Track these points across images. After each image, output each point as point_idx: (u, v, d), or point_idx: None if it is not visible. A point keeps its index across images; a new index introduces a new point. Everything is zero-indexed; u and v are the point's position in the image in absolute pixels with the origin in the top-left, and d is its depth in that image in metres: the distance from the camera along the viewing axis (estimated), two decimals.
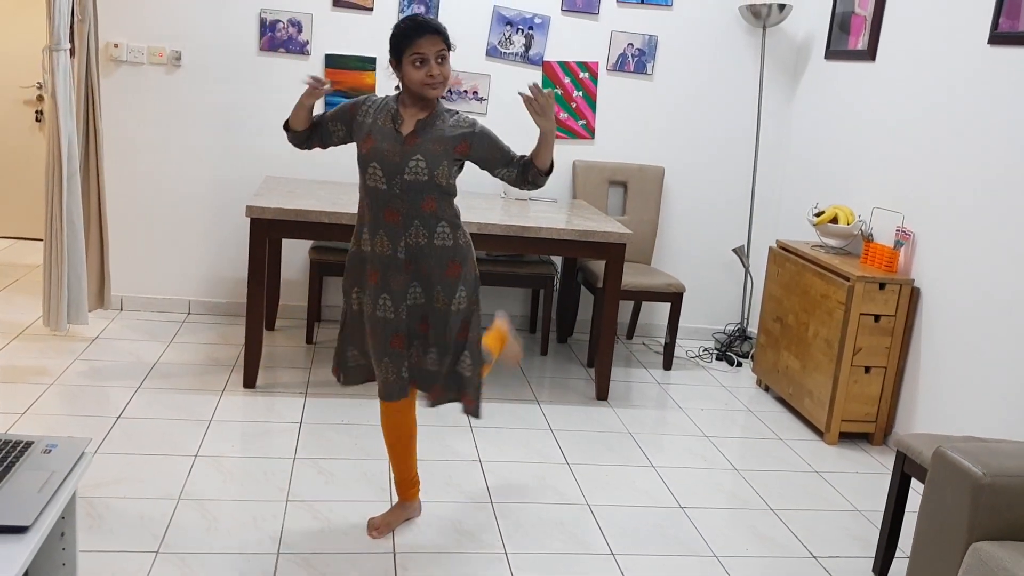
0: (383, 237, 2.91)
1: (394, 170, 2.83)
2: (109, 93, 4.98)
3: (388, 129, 2.87)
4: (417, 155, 2.83)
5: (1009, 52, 3.79)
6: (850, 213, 4.64)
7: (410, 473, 3.21)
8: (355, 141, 2.95)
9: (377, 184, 2.86)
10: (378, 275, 2.94)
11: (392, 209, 2.87)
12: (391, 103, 2.93)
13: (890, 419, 4.37)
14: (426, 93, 2.83)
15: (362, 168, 2.89)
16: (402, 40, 2.80)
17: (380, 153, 2.84)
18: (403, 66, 2.83)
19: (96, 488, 3.22)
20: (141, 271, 5.27)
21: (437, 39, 2.79)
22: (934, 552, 2.58)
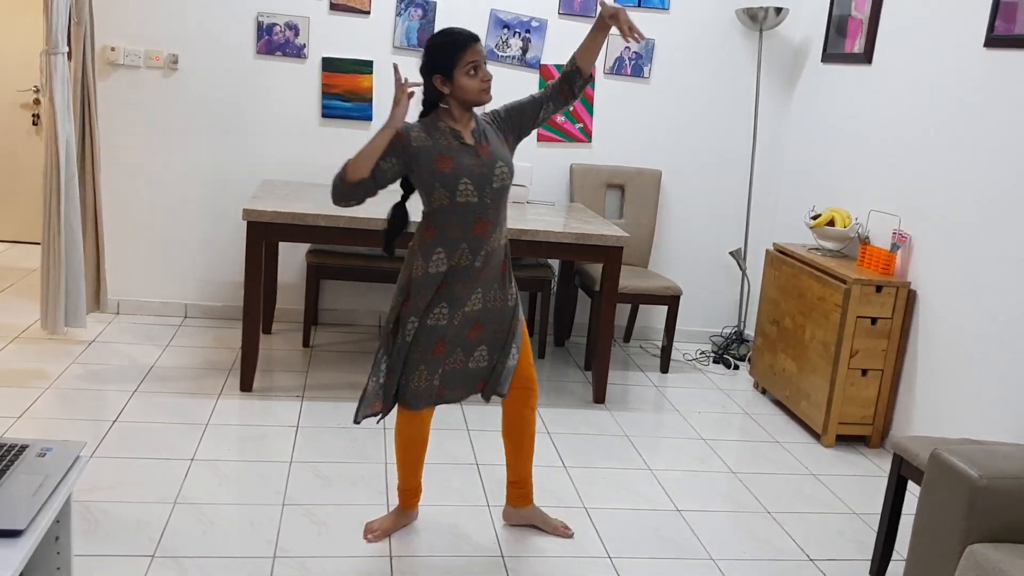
0: (465, 250, 2.91)
1: (483, 181, 2.87)
2: (106, 96, 4.98)
3: (455, 146, 2.87)
4: (498, 161, 2.90)
5: (1005, 55, 3.79)
6: (847, 216, 4.64)
7: (416, 482, 3.20)
8: (420, 169, 2.86)
9: (468, 199, 2.86)
10: (444, 286, 2.93)
11: (483, 220, 2.90)
12: (436, 123, 2.90)
13: (887, 422, 4.37)
14: (482, 99, 2.88)
15: (449, 187, 2.83)
16: (453, 53, 2.82)
17: (466, 168, 2.85)
18: (456, 78, 2.83)
19: (92, 492, 3.22)
20: (138, 274, 5.27)
21: (479, 46, 2.85)
22: (930, 554, 2.58)
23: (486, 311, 3.01)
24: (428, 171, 2.84)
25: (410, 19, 5.17)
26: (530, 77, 5.35)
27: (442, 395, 3.05)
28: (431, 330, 2.94)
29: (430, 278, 2.91)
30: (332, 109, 5.22)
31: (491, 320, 3.03)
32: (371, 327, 5.52)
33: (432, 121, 2.91)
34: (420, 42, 5.19)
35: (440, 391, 3.03)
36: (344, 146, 5.24)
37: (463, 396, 3.12)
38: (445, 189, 2.84)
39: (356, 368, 4.78)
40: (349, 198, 2.90)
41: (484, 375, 3.09)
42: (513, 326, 3.07)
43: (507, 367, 3.07)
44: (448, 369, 3.02)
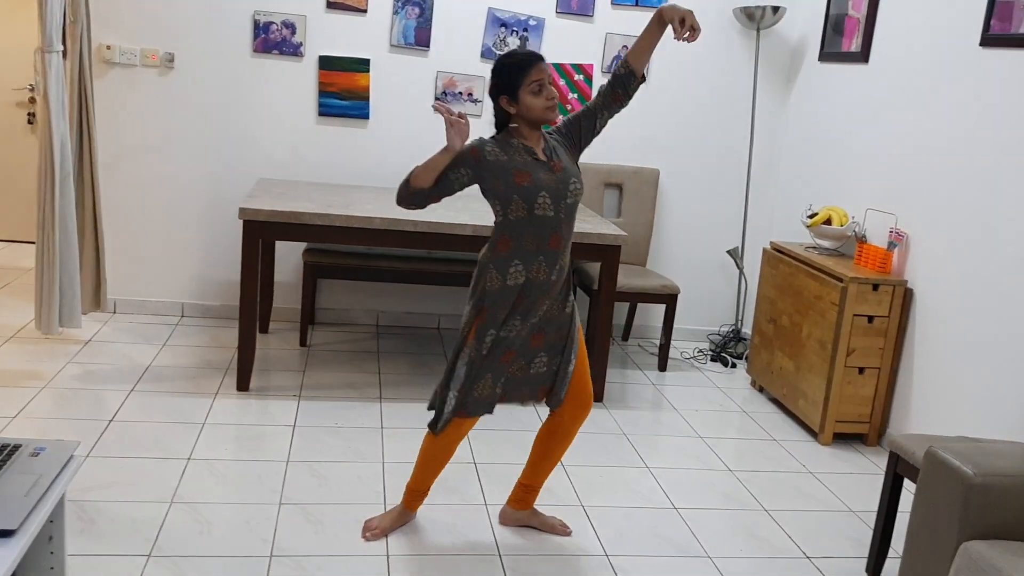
0: (542, 263, 2.94)
1: (559, 196, 2.91)
2: (102, 95, 4.97)
3: (531, 161, 2.91)
4: (572, 178, 2.95)
5: (1001, 54, 3.79)
6: (843, 214, 4.64)
7: (429, 485, 3.21)
8: (496, 181, 2.88)
9: (546, 212, 2.90)
10: (520, 299, 2.96)
11: (558, 234, 2.93)
12: (509, 140, 2.94)
13: (884, 420, 4.37)
14: (548, 117, 2.91)
15: (528, 200, 2.87)
16: (517, 73, 2.85)
17: (543, 182, 2.89)
18: (521, 97, 2.87)
19: (88, 491, 3.21)
20: (134, 274, 5.26)
21: (543, 65, 2.87)
22: (926, 552, 2.58)
23: (548, 320, 3.04)
24: (505, 184, 2.88)
25: (407, 17, 5.16)
26: None
27: (501, 400, 3.07)
28: (503, 340, 2.97)
29: (508, 290, 2.94)
30: (329, 108, 5.21)
31: (551, 327, 3.05)
32: (368, 326, 5.52)
33: (505, 138, 2.95)
34: (417, 41, 5.19)
35: (500, 397, 3.06)
36: (341, 145, 5.26)
37: (524, 400, 3.13)
38: (524, 201, 2.88)
39: (353, 367, 4.77)
40: (409, 203, 2.96)
41: (546, 380, 3.10)
42: (571, 331, 3.10)
43: (567, 372, 3.08)
44: (509, 377, 3.04)
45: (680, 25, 2.88)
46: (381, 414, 4.19)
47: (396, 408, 4.28)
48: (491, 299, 2.94)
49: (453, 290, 5.57)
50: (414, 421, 4.14)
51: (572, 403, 3.12)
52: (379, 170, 5.32)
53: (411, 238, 4.21)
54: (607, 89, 3.05)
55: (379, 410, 4.23)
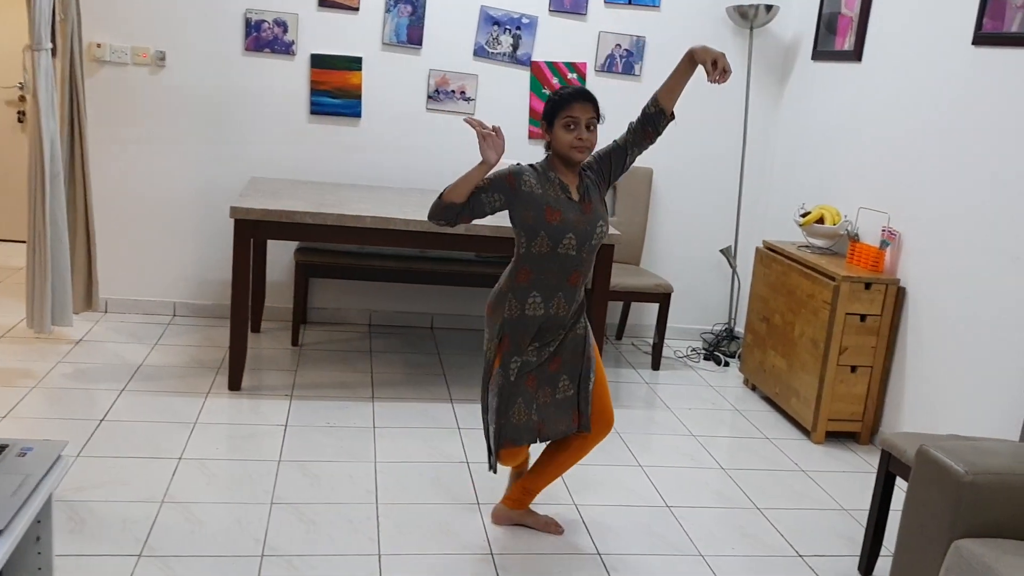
0: (561, 299, 3.00)
1: (584, 237, 2.96)
2: (93, 93, 4.95)
3: (564, 199, 2.95)
4: (600, 221, 3.00)
5: (993, 53, 3.79)
6: (836, 213, 4.64)
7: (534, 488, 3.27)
8: (526, 212, 2.92)
9: (568, 252, 2.95)
10: (541, 332, 3.02)
11: (578, 272, 2.99)
12: (548, 172, 2.97)
13: (876, 418, 4.37)
14: (572, 156, 2.93)
15: (553, 239, 2.92)
16: (558, 104, 2.91)
17: (572, 224, 2.93)
18: (554, 129, 2.93)
19: (78, 491, 3.20)
20: (126, 273, 5.25)
21: (589, 107, 2.91)
22: (917, 550, 2.58)
23: (563, 344, 3.07)
24: (535, 218, 2.92)
25: (399, 16, 5.15)
26: (521, 74, 5.34)
27: (541, 431, 3.07)
28: (524, 364, 3.01)
29: (527, 320, 2.98)
30: (321, 106, 5.20)
31: (566, 350, 3.08)
32: (360, 326, 5.51)
33: (545, 170, 2.98)
34: (409, 39, 5.18)
35: (539, 426, 3.06)
36: (333, 143, 5.25)
37: (563, 431, 3.10)
38: (549, 239, 2.92)
39: (345, 367, 4.76)
40: (439, 217, 2.96)
41: (574, 403, 3.11)
42: (586, 350, 3.11)
43: (589, 391, 3.10)
44: (541, 404, 3.06)
45: (712, 67, 2.94)
46: (373, 413, 4.18)
47: (388, 407, 4.27)
48: (511, 327, 3.00)
49: (446, 289, 5.56)
50: (406, 420, 4.13)
51: (594, 422, 3.13)
52: (371, 169, 5.31)
53: (403, 237, 4.20)
54: (637, 126, 3.09)
55: (371, 409, 4.22)
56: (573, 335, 3.09)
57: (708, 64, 2.94)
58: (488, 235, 4.23)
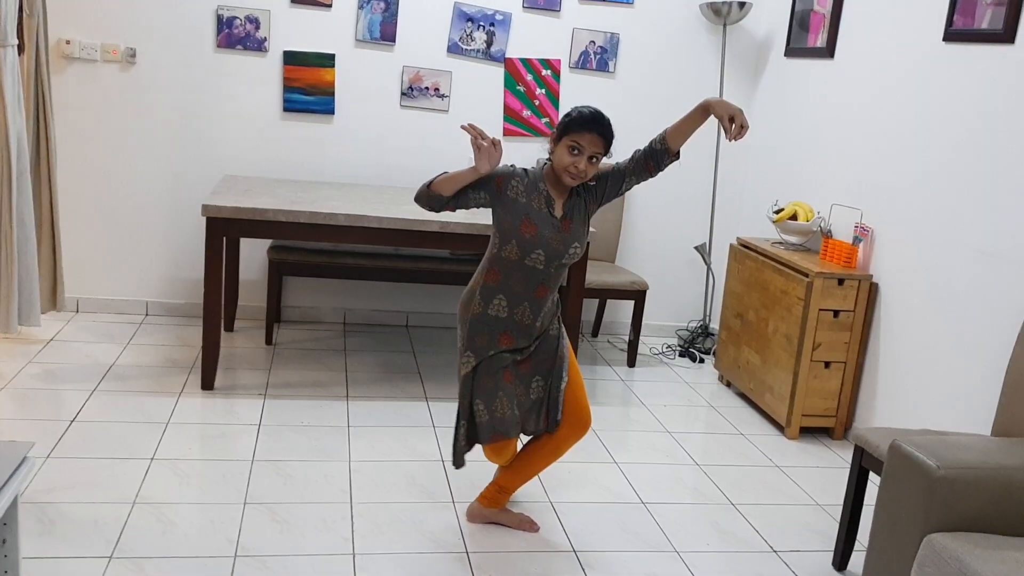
0: (527, 308, 3.02)
1: (555, 255, 2.98)
2: (62, 91, 4.89)
3: (544, 214, 2.96)
4: (575, 242, 3.01)
5: (963, 49, 3.82)
6: (809, 210, 4.66)
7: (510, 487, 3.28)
8: (505, 217, 2.95)
9: (535, 265, 2.97)
10: (512, 339, 3.03)
11: (545, 286, 3.01)
12: (539, 182, 2.99)
13: (850, 413, 4.40)
14: (564, 179, 2.96)
15: (522, 250, 2.94)
16: (571, 124, 2.92)
17: (544, 240, 2.95)
18: (558, 146, 2.94)
19: (48, 493, 3.16)
20: (97, 272, 5.19)
21: (599, 141, 2.92)
22: (890, 544, 2.59)
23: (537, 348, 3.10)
24: (512, 226, 2.94)
25: (372, 12, 5.12)
26: (495, 71, 5.32)
27: (524, 426, 3.12)
28: (499, 359, 3.03)
29: (488, 319, 3.02)
30: (294, 103, 5.17)
31: (540, 351, 3.11)
32: (335, 324, 5.48)
33: (536, 179, 3.00)
34: (383, 35, 5.15)
35: (522, 422, 3.10)
36: (307, 141, 5.22)
37: (537, 428, 3.15)
38: (519, 248, 2.95)
39: (319, 366, 4.74)
40: (425, 203, 2.99)
41: (544, 404, 3.12)
42: (559, 350, 3.12)
43: (560, 391, 3.11)
44: (520, 400, 3.08)
45: (730, 123, 2.91)
46: (348, 412, 4.16)
47: (363, 406, 4.25)
48: (472, 325, 3.04)
49: (421, 287, 5.54)
50: (381, 419, 4.11)
51: (569, 422, 3.13)
52: (345, 166, 5.28)
53: (377, 235, 4.18)
54: (640, 157, 3.09)
55: (346, 408, 4.20)
56: (546, 337, 3.10)
57: (725, 120, 2.91)
58: (462, 233, 4.22)
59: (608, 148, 2.97)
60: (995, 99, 3.62)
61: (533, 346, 3.07)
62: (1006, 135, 3.55)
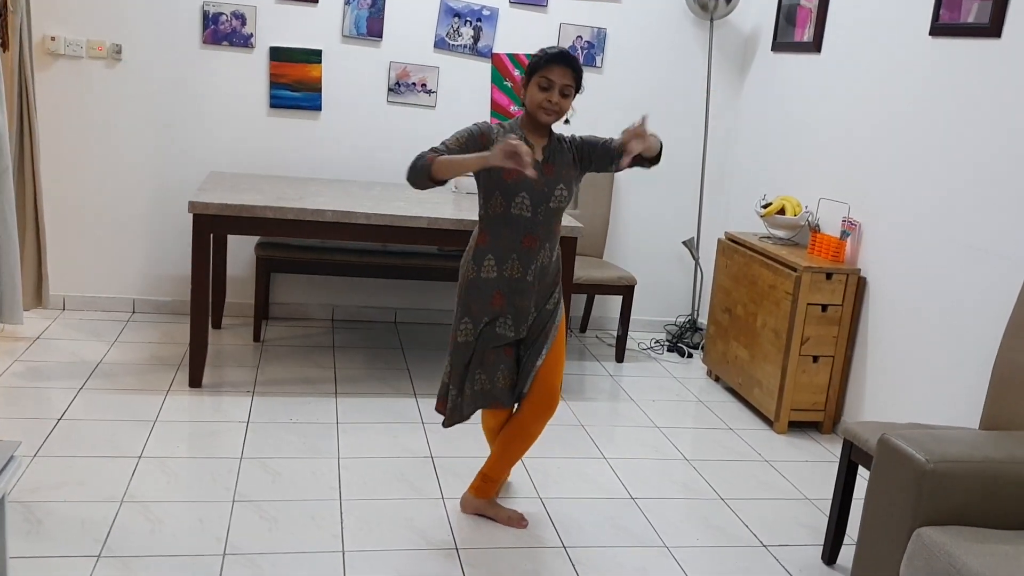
0: (515, 262, 3.00)
1: (540, 199, 2.95)
2: (47, 87, 4.86)
3: None
4: (560, 184, 3.00)
5: (949, 43, 3.83)
6: (797, 204, 4.67)
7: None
8: (489, 171, 2.92)
9: (522, 212, 2.95)
10: (504, 299, 3.02)
11: (532, 235, 2.99)
12: (516, 130, 2.98)
13: (839, 408, 4.41)
14: (539, 116, 2.94)
15: (506, 197, 2.93)
16: (539, 62, 2.90)
17: (527, 183, 2.92)
18: (529, 86, 2.92)
19: (35, 492, 3.14)
20: (83, 270, 5.16)
21: (568, 72, 2.90)
22: (880, 538, 2.60)
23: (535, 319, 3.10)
24: (494, 177, 2.93)
25: (359, 8, 5.10)
26: (482, 66, 5.31)
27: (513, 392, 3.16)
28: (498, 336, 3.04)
29: (482, 282, 3.02)
30: (280, 99, 5.14)
31: (533, 324, 3.11)
32: (323, 321, 5.46)
33: (513, 127, 2.99)
34: (369, 31, 5.14)
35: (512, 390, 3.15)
36: (293, 137, 5.20)
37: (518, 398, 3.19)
38: (503, 198, 2.94)
39: (308, 363, 4.72)
40: (417, 183, 2.92)
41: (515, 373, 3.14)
42: (548, 328, 3.11)
43: (535, 366, 3.10)
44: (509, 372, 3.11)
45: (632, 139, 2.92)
46: (336, 409, 4.14)
47: (352, 403, 4.23)
48: (468, 291, 3.04)
49: (409, 284, 5.52)
50: (370, 416, 4.10)
51: (534, 401, 3.11)
52: (332, 162, 5.26)
53: (365, 231, 4.17)
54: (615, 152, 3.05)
55: (334, 405, 4.19)
56: (542, 310, 3.10)
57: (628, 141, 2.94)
58: (450, 229, 4.21)
59: (578, 81, 2.93)
60: (982, 93, 3.64)
61: (533, 317, 3.06)
62: (993, 129, 3.56)
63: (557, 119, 2.97)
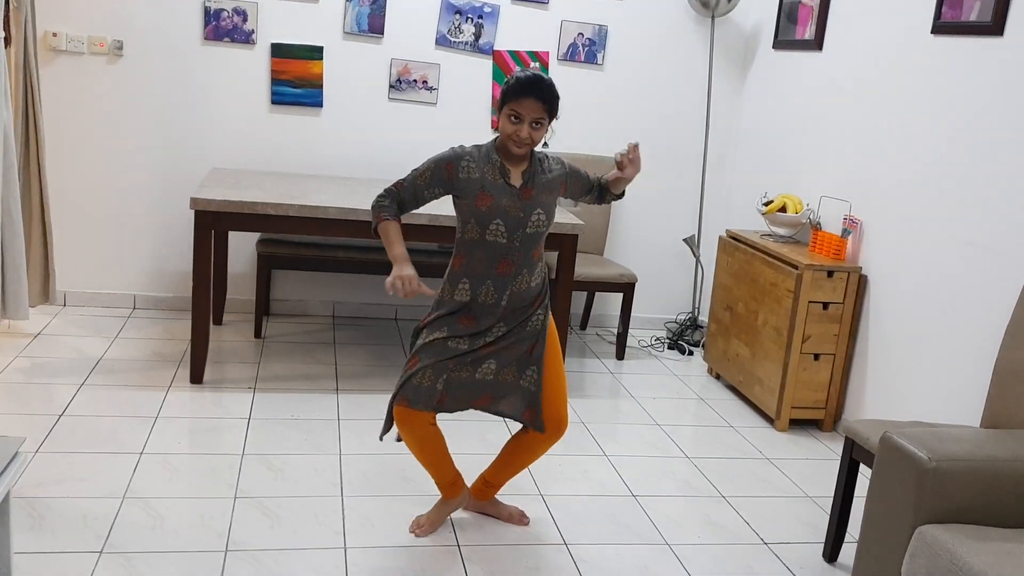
0: (490, 287, 2.93)
1: (516, 224, 2.89)
2: (49, 83, 4.85)
3: (500, 184, 2.89)
4: (537, 209, 2.92)
5: (951, 41, 3.83)
6: (798, 202, 4.67)
7: (450, 476, 3.15)
8: (462, 199, 2.90)
9: (497, 239, 2.89)
10: (473, 321, 2.95)
11: (509, 261, 2.92)
12: (491, 154, 2.92)
13: (839, 406, 4.42)
14: (510, 148, 2.88)
15: (481, 224, 2.88)
16: (509, 93, 2.83)
17: (501, 210, 2.88)
18: (500, 117, 2.88)
19: (37, 487, 3.14)
20: (85, 266, 5.16)
21: (538, 106, 2.80)
22: (881, 536, 2.61)
23: (504, 335, 2.97)
24: (468, 204, 2.89)
25: (360, 5, 5.10)
26: (483, 63, 5.31)
27: (442, 402, 2.95)
28: (450, 350, 2.92)
29: (454, 304, 2.96)
30: (282, 96, 5.14)
31: (507, 340, 2.97)
32: (324, 317, 5.46)
33: (488, 152, 2.94)
34: (371, 28, 5.13)
35: (441, 397, 2.94)
36: (295, 133, 5.20)
37: (464, 406, 3.02)
38: (478, 225, 2.89)
39: (309, 359, 4.72)
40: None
41: (488, 387, 3.00)
42: (534, 348, 3.01)
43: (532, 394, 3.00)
44: (451, 377, 2.94)
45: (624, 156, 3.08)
46: (338, 406, 4.15)
47: (353, 400, 4.24)
48: (439, 307, 3.00)
49: None
50: (371, 412, 4.10)
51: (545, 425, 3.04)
52: (333, 159, 5.26)
53: (366, 228, 4.14)
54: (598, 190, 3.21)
55: (336, 402, 4.19)
56: (517, 329, 2.97)
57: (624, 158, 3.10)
58: (451, 226, 4.19)
59: (551, 111, 2.84)
60: (983, 91, 3.64)
61: (502, 330, 2.94)
62: (995, 127, 3.56)
63: (530, 149, 2.91)
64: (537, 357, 3.01)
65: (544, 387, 3.01)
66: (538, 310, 3.02)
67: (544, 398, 3.01)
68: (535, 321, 3.01)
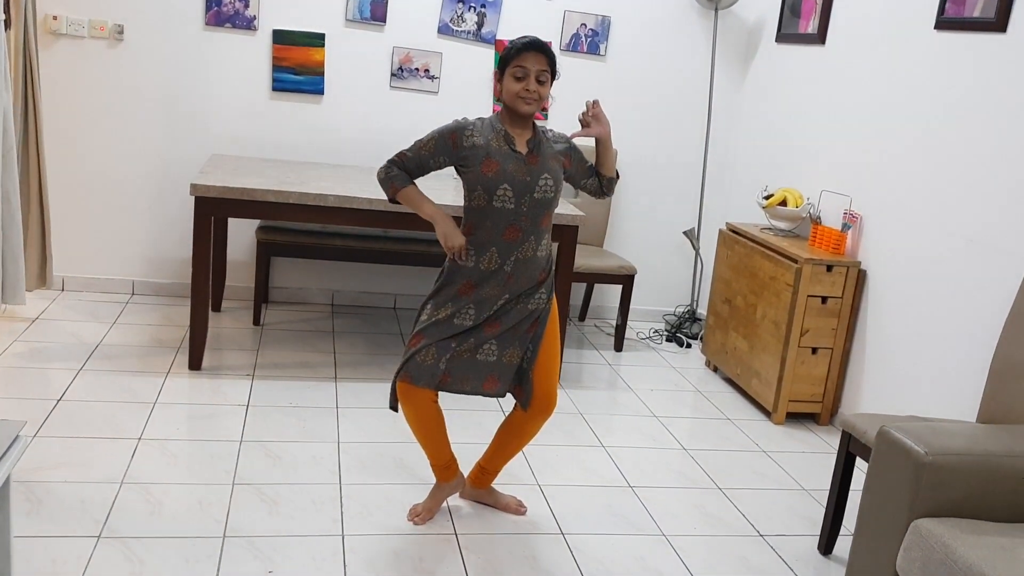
0: (494, 253, 2.93)
1: (524, 189, 2.89)
2: (49, 67, 4.84)
3: (506, 150, 2.90)
4: (544, 174, 2.93)
5: (954, 37, 3.83)
6: (799, 196, 4.67)
7: (445, 458, 3.15)
8: (468, 167, 2.90)
9: (505, 204, 2.89)
10: (473, 288, 2.94)
11: (516, 227, 2.91)
12: (495, 123, 2.94)
13: (836, 399, 4.43)
14: (518, 107, 2.88)
15: (488, 190, 2.87)
16: (509, 53, 2.86)
17: (508, 174, 2.88)
18: (504, 78, 2.88)
19: (35, 472, 3.15)
20: (84, 251, 5.15)
21: (542, 58, 2.85)
22: (877, 529, 2.62)
23: (507, 312, 2.98)
24: (474, 172, 2.89)
25: None
26: (485, 52, 5.30)
27: (445, 381, 2.97)
28: (455, 326, 2.94)
29: (456, 268, 2.97)
30: (283, 83, 5.13)
31: (508, 317, 2.98)
32: (323, 305, 5.47)
33: (493, 121, 2.95)
34: (373, 15, 5.12)
35: (444, 377, 2.95)
36: (295, 121, 5.19)
37: (470, 390, 3.01)
38: (485, 192, 2.89)
39: (308, 347, 4.73)
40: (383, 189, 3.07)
41: (493, 369, 3.01)
42: (534, 329, 3.02)
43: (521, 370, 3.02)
44: (454, 355, 2.95)
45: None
46: (336, 393, 4.15)
47: (351, 387, 4.24)
48: (445, 276, 3.00)
49: (409, 269, 5.53)
50: (370, 400, 4.11)
51: (531, 403, 3.06)
52: (334, 146, 5.26)
53: (366, 216, 4.17)
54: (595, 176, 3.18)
55: (334, 389, 4.20)
56: (522, 306, 2.98)
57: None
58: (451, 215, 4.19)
59: (552, 67, 2.88)
60: (986, 87, 3.64)
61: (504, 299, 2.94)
62: (996, 123, 3.56)
63: (538, 107, 2.91)
64: (536, 337, 3.03)
65: (536, 365, 3.03)
66: (542, 289, 3.02)
67: (535, 375, 3.03)
68: (538, 300, 3.01)
